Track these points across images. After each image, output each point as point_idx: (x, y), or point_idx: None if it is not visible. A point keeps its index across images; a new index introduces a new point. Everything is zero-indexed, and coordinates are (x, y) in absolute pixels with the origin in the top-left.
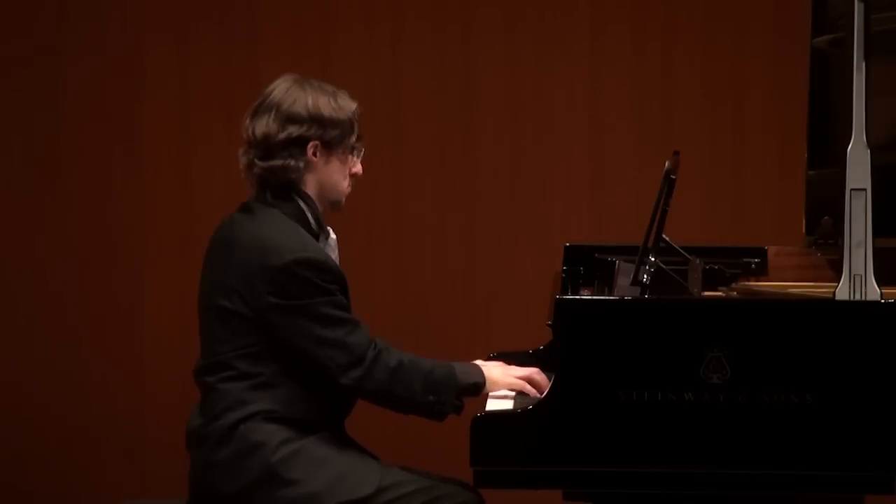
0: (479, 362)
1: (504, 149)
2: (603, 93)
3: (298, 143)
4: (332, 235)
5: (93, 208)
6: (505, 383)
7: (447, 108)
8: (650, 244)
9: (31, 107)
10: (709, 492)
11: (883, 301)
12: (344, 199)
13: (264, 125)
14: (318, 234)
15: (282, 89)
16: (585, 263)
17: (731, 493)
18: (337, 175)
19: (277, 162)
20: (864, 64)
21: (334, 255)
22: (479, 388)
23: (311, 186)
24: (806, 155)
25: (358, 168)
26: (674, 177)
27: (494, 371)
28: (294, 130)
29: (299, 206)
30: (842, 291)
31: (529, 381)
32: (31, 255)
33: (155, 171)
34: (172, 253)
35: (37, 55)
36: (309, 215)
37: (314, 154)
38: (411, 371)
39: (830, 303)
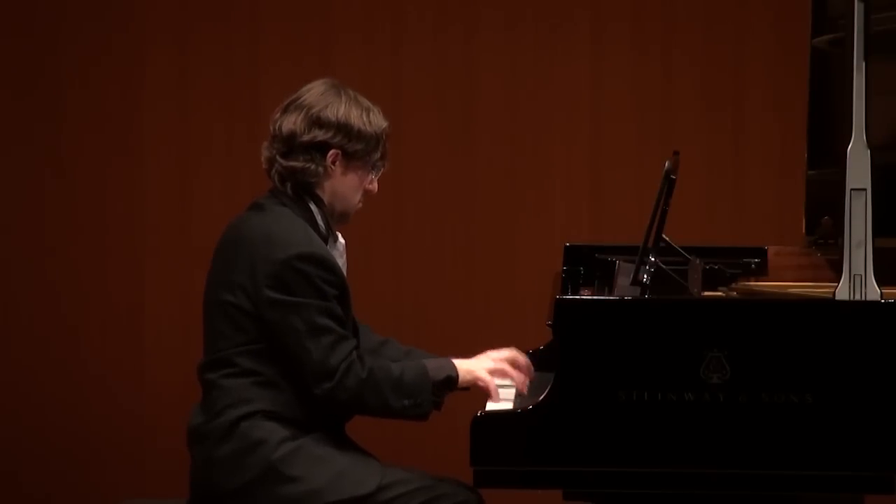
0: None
1: (504, 149)
2: (603, 93)
3: (321, 149)
4: (341, 241)
5: (93, 208)
6: (478, 374)
7: (447, 108)
8: (650, 244)
9: (31, 107)
10: (709, 492)
11: (883, 301)
12: (352, 213)
13: (292, 123)
14: (327, 237)
15: (317, 92)
16: (585, 263)
17: (731, 493)
18: (350, 188)
19: (298, 163)
20: (864, 64)
21: (342, 260)
22: (452, 381)
23: (325, 192)
24: (806, 155)
25: (373, 186)
26: (674, 177)
27: (465, 363)
28: (319, 135)
29: (311, 208)
30: (842, 291)
31: (501, 373)
32: (30, 255)
33: (155, 171)
34: (172, 253)
35: (37, 55)
36: (319, 219)
37: (333, 162)
38: (380, 379)
39: (830, 303)
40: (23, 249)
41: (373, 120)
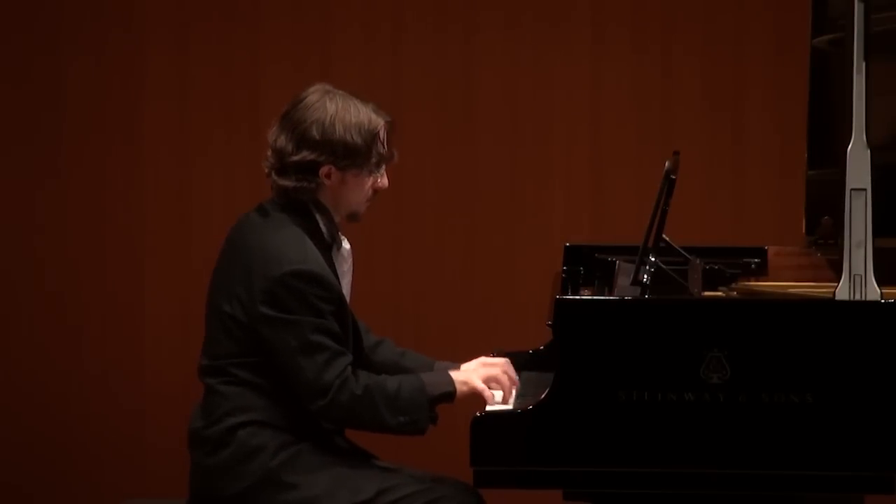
0: (465, 365)
1: (504, 149)
2: (603, 93)
3: (311, 167)
4: (346, 245)
5: (93, 208)
6: (475, 384)
7: (447, 108)
8: (650, 244)
9: (31, 107)
10: (709, 492)
11: (883, 301)
12: (361, 212)
13: (282, 141)
14: (332, 244)
15: (306, 104)
16: (585, 263)
17: (731, 493)
18: (352, 194)
19: (290, 182)
20: (864, 64)
21: (347, 264)
22: (450, 397)
23: (327, 200)
24: (806, 155)
25: (382, 183)
26: (674, 177)
27: (462, 374)
28: (307, 155)
29: (314, 217)
30: (842, 291)
31: (495, 380)
32: (30, 255)
33: (155, 171)
34: (172, 253)
35: (37, 55)
36: (322, 227)
37: (327, 176)
38: (376, 397)
39: (830, 303)
40: (22, 249)
41: (362, 127)
